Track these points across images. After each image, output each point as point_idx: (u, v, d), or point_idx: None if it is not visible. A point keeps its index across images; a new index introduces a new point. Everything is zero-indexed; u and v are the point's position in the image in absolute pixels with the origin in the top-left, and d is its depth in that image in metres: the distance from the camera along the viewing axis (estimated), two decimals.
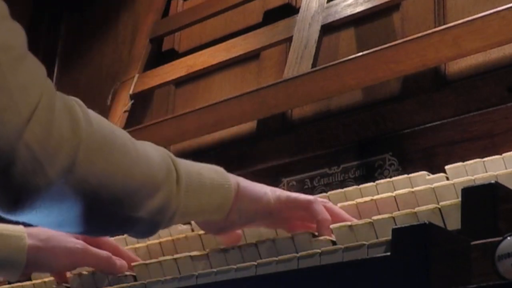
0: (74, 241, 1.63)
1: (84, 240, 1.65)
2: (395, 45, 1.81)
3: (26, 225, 1.47)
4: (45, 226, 1.32)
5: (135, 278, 1.64)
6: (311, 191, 1.94)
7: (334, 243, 1.39)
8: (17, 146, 1.10)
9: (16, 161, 1.10)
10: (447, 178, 1.55)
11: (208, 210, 1.44)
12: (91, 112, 1.24)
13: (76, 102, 1.22)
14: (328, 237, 1.41)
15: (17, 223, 1.30)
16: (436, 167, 1.62)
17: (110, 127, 1.27)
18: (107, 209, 1.25)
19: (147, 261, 1.64)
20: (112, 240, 1.72)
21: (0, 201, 1.15)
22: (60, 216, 1.22)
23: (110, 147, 1.23)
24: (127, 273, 1.65)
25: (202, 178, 1.42)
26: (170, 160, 1.37)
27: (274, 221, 1.55)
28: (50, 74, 1.25)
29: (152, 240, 1.76)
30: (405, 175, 1.63)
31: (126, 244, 1.80)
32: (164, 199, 1.33)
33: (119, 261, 1.65)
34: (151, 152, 1.34)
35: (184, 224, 1.75)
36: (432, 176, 1.58)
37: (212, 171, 1.46)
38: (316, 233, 1.46)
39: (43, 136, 1.12)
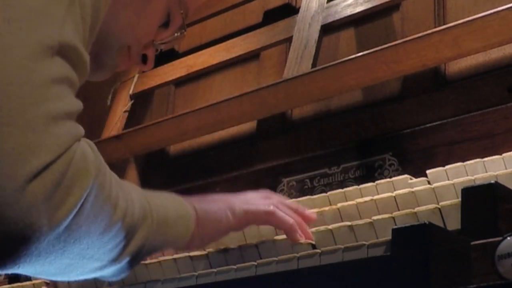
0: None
1: None
2: (395, 45, 1.81)
3: None
4: (25, 273, 1.21)
5: (135, 278, 1.64)
6: (311, 191, 1.94)
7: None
8: (23, 190, 1.05)
9: (14, 205, 1.05)
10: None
11: (170, 242, 1.41)
12: (100, 159, 1.20)
13: (88, 145, 1.18)
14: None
15: None
16: (436, 167, 1.62)
17: (110, 174, 1.22)
18: (89, 262, 1.22)
19: (147, 261, 1.63)
20: None
21: None
22: (42, 266, 1.16)
23: (105, 200, 1.19)
24: None
25: (167, 211, 1.38)
26: (146, 200, 1.33)
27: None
28: None
29: None
30: (405, 175, 1.63)
31: None
32: (143, 238, 1.30)
33: None
34: (133, 194, 1.30)
35: None
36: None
37: (172, 201, 1.42)
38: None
39: (52, 187, 1.08)
